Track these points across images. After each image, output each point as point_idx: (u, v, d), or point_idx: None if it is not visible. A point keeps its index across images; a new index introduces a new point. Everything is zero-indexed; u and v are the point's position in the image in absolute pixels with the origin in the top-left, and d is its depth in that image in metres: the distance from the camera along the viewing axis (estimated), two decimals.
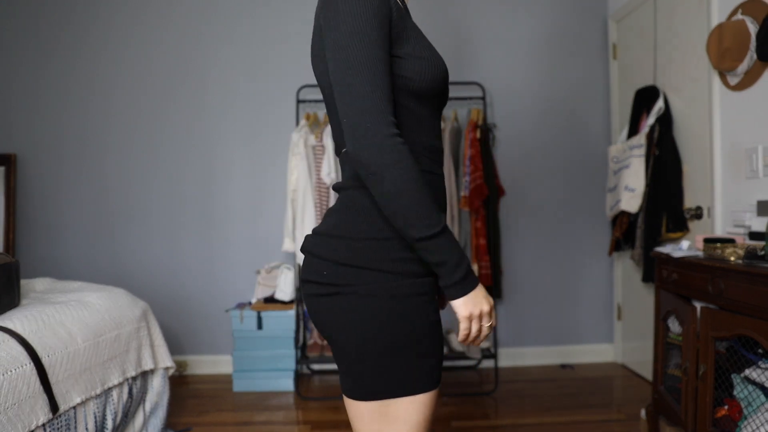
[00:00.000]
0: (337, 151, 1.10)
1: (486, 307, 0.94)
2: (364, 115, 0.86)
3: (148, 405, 2.27)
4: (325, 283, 0.95)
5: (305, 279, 1.00)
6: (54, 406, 1.67)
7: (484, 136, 3.09)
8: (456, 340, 3.12)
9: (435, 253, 0.89)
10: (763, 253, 1.74)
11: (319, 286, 0.97)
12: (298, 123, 3.19)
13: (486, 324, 0.95)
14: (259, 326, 3.08)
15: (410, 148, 0.94)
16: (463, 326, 0.95)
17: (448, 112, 3.30)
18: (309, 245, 1.02)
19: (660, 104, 2.70)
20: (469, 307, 0.93)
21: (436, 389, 0.98)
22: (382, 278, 0.93)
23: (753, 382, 1.72)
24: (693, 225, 2.59)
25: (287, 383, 3.08)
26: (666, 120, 2.69)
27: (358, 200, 0.97)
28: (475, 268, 3.04)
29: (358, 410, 0.97)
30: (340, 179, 1.13)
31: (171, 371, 2.38)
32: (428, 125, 1.01)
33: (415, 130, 0.98)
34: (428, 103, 0.99)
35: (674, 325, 2.15)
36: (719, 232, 2.38)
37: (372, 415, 0.96)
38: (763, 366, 1.70)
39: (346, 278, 0.94)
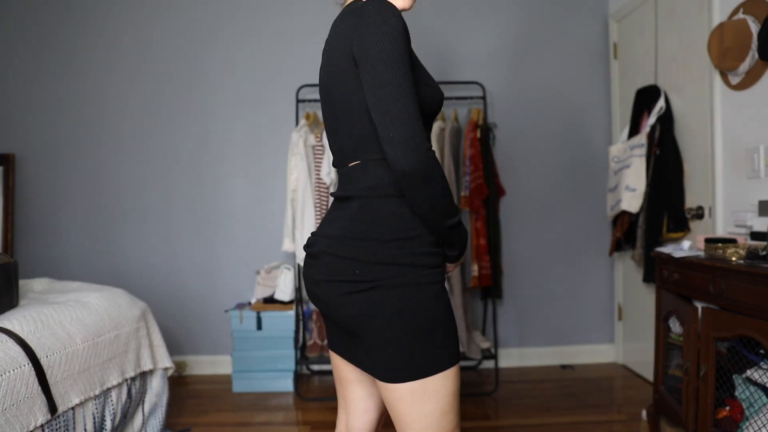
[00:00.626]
0: (338, 164, 1.19)
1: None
2: (415, 133, 1.01)
3: (147, 405, 2.27)
4: (359, 281, 1.07)
5: (335, 279, 1.09)
6: (53, 407, 1.66)
7: (485, 135, 3.08)
8: None
9: (455, 234, 1.12)
10: (764, 253, 1.73)
11: (352, 284, 1.07)
12: (297, 123, 3.19)
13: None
14: (259, 326, 3.07)
15: None
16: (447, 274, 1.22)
17: (448, 111, 3.29)
18: (330, 248, 1.11)
19: (661, 104, 2.69)
20: (456, 266, 1.25)
21: (459, 362, 1.13)
22: (407, 271, 1.07)
23: (755, 383, 1.71)
24: (694, 225, 2.59)
25: (287, 384, 3.07)
26: (667, 120, 2.68)
27: (378, 207, 1.10)
28: (475, 268, 3.03)
29: (400, 393, 1.07)
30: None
31: (170, 372, 2.38)
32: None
33: None
34: (427, 122, 1.15)
35: (675, 326, 2.14)
36: (720, 232, 2.37)
37: (413, 395, 1.06)
38: (764, 367, 1.69)
39: (378, 274, 1.06)
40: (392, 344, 1.06)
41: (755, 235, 2.05)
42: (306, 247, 1.19)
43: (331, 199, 2.98)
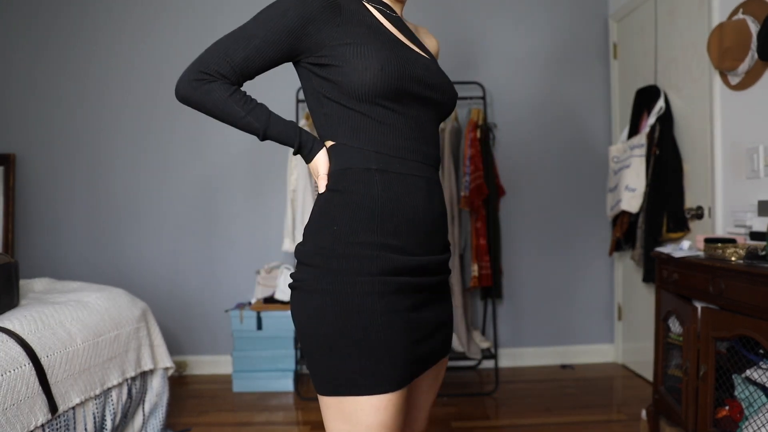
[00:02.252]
0: None
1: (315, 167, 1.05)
2: (192, 63, 1.05)
3: (147, 405, 2.27)
4: (292, 280, 1.02)
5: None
6: (53, 407, 1.66)
7: (484, 135, 3.08)
8: (456, 341, 3.12)
9: (252, 123, 1.02)
10: (764, 253, 1.73)
11: (291, 282, 1.03)
12: (298, 123, 3.19)
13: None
14: (259, 326, 3.07)
15: (362, 148, 1.00)
16: None
17: None
18: None
19: (661, 104, 2.70)
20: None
21: (397, 392, 0.96)
22: (320, 274, 0.97)
23: (754, 383, 1.72)
24: (694, 225, 2.59)
25: (287, 383, 3.07)
26: (667, 120, 2.68)
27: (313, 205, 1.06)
28: (474, 268, 3.03)
29: (322, 403, 1.00)
30: None
31: (170, 371, 2.38)
32: (390, 125, 1.01)
33: (368, 132, 1.00)
34: (388, 105, 1.00)
35: (675, 326, 2.14)
36: (720, 232, 2.37)
37: (330, 410, 0.98)
38: (764, 366, 1.69)
39: (298, 275, 1.01)
40: (308, 352, 0.99)
41: (755, 235, 2.05)
42: None
43: None
